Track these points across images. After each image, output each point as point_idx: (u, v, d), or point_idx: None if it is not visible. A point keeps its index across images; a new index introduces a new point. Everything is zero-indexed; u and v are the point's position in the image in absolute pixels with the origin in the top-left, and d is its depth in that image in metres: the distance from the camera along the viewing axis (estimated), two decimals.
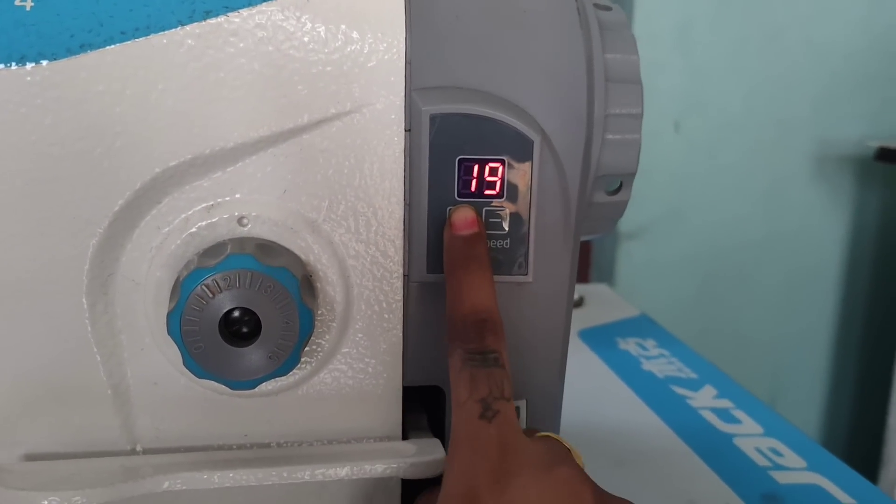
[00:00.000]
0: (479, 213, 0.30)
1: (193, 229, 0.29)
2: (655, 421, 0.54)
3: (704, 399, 0.58)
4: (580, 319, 0.75)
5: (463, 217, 0.29)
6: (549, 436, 0.28)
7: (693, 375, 0.63)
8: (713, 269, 1.24)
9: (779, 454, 0.50)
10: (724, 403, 0.57)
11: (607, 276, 1.23)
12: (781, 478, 0.47)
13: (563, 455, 0.26)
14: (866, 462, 1.21)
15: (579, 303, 0.80)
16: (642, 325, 0.75)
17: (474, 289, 0.28)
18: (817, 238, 1.27)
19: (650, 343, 0.70)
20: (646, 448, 0.50)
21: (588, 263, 1.26)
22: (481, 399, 0.26)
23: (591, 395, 0.58)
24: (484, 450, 0.25)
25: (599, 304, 0.80)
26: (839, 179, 1.25)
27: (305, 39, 0.28)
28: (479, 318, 0.28)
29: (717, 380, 0.62)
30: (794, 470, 0.48)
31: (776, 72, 1.18)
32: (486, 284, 0.29)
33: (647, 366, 0.65)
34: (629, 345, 0.70)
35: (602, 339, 0.71)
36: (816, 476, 0.47)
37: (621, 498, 0.26)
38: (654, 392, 0.59)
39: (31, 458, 0.30)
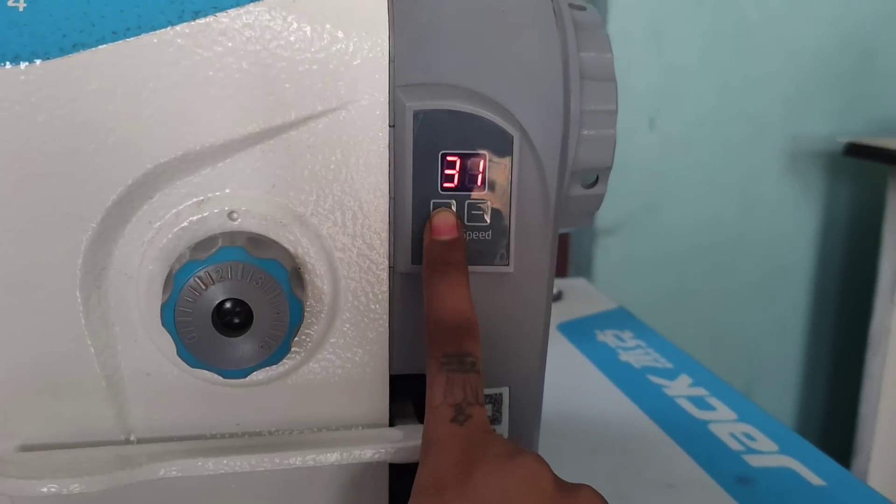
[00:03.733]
0: (459, 217, 0.31)
1: (184, 224, 0.29)
2: (633, 409, 0.56)
3: (680, 388, 0.60)
4: (559, 313, 0.76)
5: (444, 221, 0.30)
6: None
7: (669, 365, 0.64)
8: (689, 263, 1.26)
9: (752, 438, 0.51)
10: (699, 392, 0.59)
11: (585, 272, 1.24)
12: (754, 461, 0.49)
13: (527, 450, 0.27)
14: (840, 450, 1.24)
15: (558, 297, 0.82)
16: (620, 318, 0.77)
17: (452, 294, 0.29)
18: (789, 231, 1.30)
19: (627, 335, 0.72)
20: (624, 435, 0.52)
21: (566, 259, 1.28)
22: (455, 404, 0.27)
23: (570, 386, 0.59)
24: (452, 448, 0.26)
25: (578, 297, 0.82)
26: (810, 174, 1.27)
27: (292, 39, 0.29)
28: (456, 322, 0.29)
29: (692, 369, 0.63)
30: (767, 453, 0.50)
31: (748, 69, 1.21)
32: (462, 289, 0.30)
33: (624, 356, 0.66)
34: (607, 336, 0.71)
35: (580, 331, 0.72)
36: (788, 459, 0.49)
37: (580, 484, 0.27)
38: (631, 382, 0.61)
39: (26, 449, 0.31)
